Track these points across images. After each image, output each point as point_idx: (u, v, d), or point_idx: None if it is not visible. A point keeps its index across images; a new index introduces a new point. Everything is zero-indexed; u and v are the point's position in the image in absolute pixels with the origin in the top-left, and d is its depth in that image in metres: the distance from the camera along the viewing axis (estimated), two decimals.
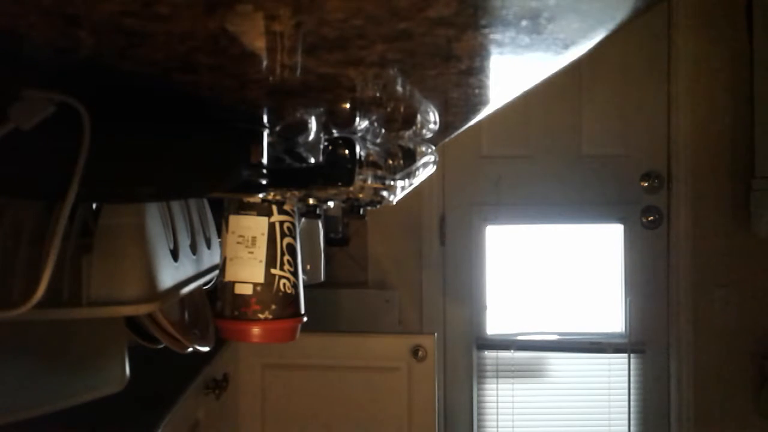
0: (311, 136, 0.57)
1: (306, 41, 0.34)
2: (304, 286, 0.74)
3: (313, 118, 0.54)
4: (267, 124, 0.57)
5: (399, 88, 0.45)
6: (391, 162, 0.57)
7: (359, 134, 0.54)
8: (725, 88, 2.25)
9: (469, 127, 0.69)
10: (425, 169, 0.63)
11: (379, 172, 0.56)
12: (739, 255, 2.26)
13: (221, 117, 0.53)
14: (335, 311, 2.24)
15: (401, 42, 0.35)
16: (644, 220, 2.32)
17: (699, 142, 2.26)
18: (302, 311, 0.73)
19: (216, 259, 0.87)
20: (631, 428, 2.31)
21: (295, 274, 0.72)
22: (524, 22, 0.32)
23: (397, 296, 2.32)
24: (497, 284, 2.37)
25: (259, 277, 0.69)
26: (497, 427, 2.34)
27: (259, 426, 1.83)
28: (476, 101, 0.54)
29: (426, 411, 1.80)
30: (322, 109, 0.52)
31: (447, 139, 0.78)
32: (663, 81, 2.29)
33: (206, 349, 0.86)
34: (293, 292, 0.71)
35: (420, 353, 1.80)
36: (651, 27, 2.28)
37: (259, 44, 0.34)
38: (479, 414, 2.35)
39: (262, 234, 0.69)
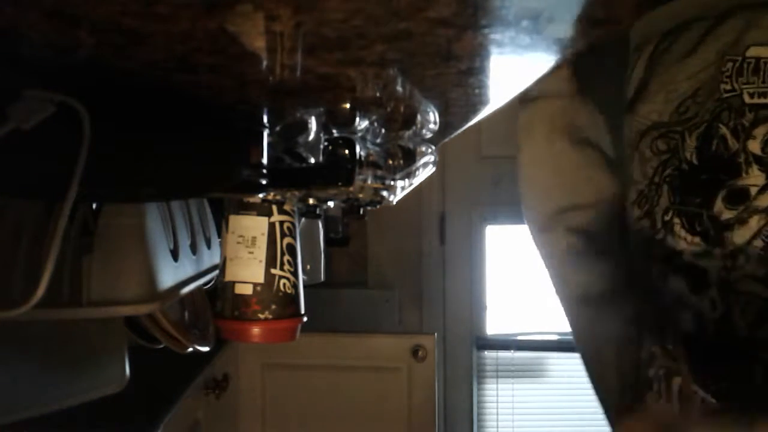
0: (311, 136, 0.57)
1: (306, 41, 0.34)
2: (304, 286, 0.74)
3: (313, 118, 0.54)
4: (267, 124, 0.57)
5: (399, 88, 0.45)
6: (391, 162, 0.57)
7: (359, 134, 0.54)
8: None
9: (469, 127, 0.69)
10: (425, 169, 0.63)
11: (379, 172, 0.56)
12: None
13: (221, 117, 0.53)
14: (335, 311, 2.24)
15: (401, 42, 0.35)
16: None
17: None
18: (302, 311, 0.73)
19: (216, 259, 0.87)
20: None
21: (295, 274, 0.71)
22: (524, 22, 0.32)
23: (397, 296, 2.32)
24: (497, 284, 2.37)
25: (259, 277, 0.69)
26: (497, 427, 2.34)
27: (259, 426, 1.83)
28: (476, 101, 0.54)
29: (426, 411, 1.80)
30: (322, 109, 0.52)
31: (447, 139, 0.78)
32: None
33: (206, 349, 0.86)
34: (293, 292, 0.71)
35: (420, 353, 1.80)
36: None
37: (259, 44, 0.34)
38: (479, 414, 2.35)
39: (262, 234, 0.69)
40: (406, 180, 0.60)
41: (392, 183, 0.58)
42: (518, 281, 2.38)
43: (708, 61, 0.97)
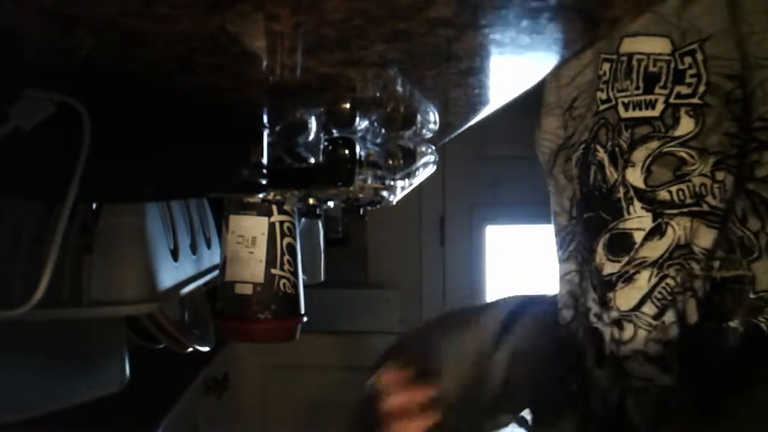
0: (311, 136, 0.57)
1: (306, 41, 0.34)
2: (304, 286, 0.74)
3: (313, 118, 0.54)
4: (267, 124, 0.57)
5: (399, 88, 0.45)
6: (391, 162, 0.57)
7: (359, 134, 0.54)
8: None
9: (469, 127, 0.69)
10: (425, 169, 0.63)
11: (379, 172, 0.56)
12: None
13: (221, 117, 0.53)
14: (335, 311, 2.24)
15: (401, 42, 0.35)
16: None
17: None
18: (302, 311, 0.73)
19: (216, 259, 0.87)
20: None
21: (295, 274, 0.71)
22: (524, 22, 0.32)
23: (397, 296, 2.32)
24: (497, 284, 2.37)
25: (259, 277, 0.69)
26: None
27: (259, 426, 1.83)
28: (476, 101, 0.54)
29: None
30: (322, 109, 0.52)
31: (447, 139, 0.78)
32: None
33: (206, 349, 0.86)
34: (293, 292, 0.71)
35: None
36: None
37: (259, 44, 0.34)
38: None
39: (262, 234, 0.69)
40: (406, 180, 0.60)
41: (392, 183, 0.58)
42: (518, 281, 2.37)
43: (585, 61, 0.72)
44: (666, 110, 0.64)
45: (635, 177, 0.66)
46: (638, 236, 0.65)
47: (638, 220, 0.65)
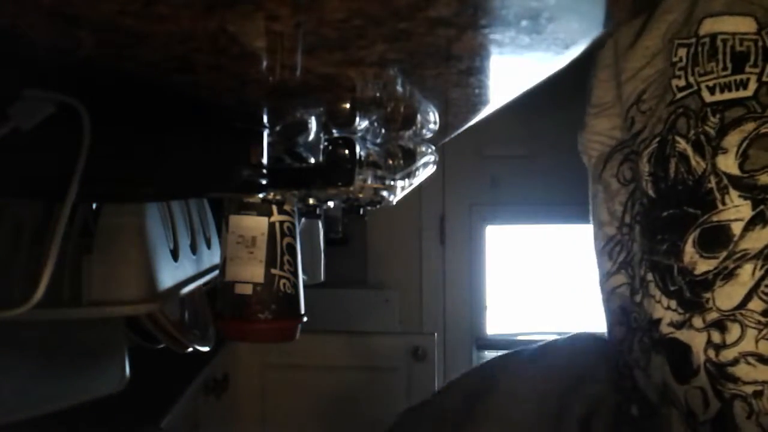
0: (311, 136, 0.57)
1: (306, 41, 0.34)
2: (304, 286, 0.74)
3: (313, 118, 0.54)
4: (267, 124, 0.57)
5: (399, 88, 0.45)
6: (391, 162, 0.57)
7: (359, 134, 0.54)
8: None
9: (469, 127, 0.69)
10: (425, 169, 0.63)
11: (379, 172, 0.56)
12: None
13: (221, 117, 0.53)
14: (335, 311, 2.24)
15: (401, 42, 0.35)
16: None
17: None
18: (302, 311, 0.73)
19: (216, 259, 0.87)
20: None
21: (295, 274, 0.71)
22: (524, 22, 0.32)
23: (397, 296, 2.32)
24: (497, 284, 2.37)
25: (259, 277, 0.69)
26: None
27: (259, 426, 1.83)
28: (476, 101, 0.54)
29: None
30: (322, 109, 0.52)
31: (447, 139, 0.78)
32: None
33: (206, 349, 0.86)
34: (293, 292, 0.71)
35: (420, 353, 1.80)
36: None
37: (259, 44, 0.34)
38: None
39: (262, 234, 0.69)
40: (406, 180, 0.60)
41: (392, 183, 0.58)
42: (518, 281, 2.37)
43: (653, 50, 0.68)
44: (760, 89, 0.61)
45: (728, 164, 0.61)
46: (737, 227, 0.61)
47: (735, 210, 0.61)
